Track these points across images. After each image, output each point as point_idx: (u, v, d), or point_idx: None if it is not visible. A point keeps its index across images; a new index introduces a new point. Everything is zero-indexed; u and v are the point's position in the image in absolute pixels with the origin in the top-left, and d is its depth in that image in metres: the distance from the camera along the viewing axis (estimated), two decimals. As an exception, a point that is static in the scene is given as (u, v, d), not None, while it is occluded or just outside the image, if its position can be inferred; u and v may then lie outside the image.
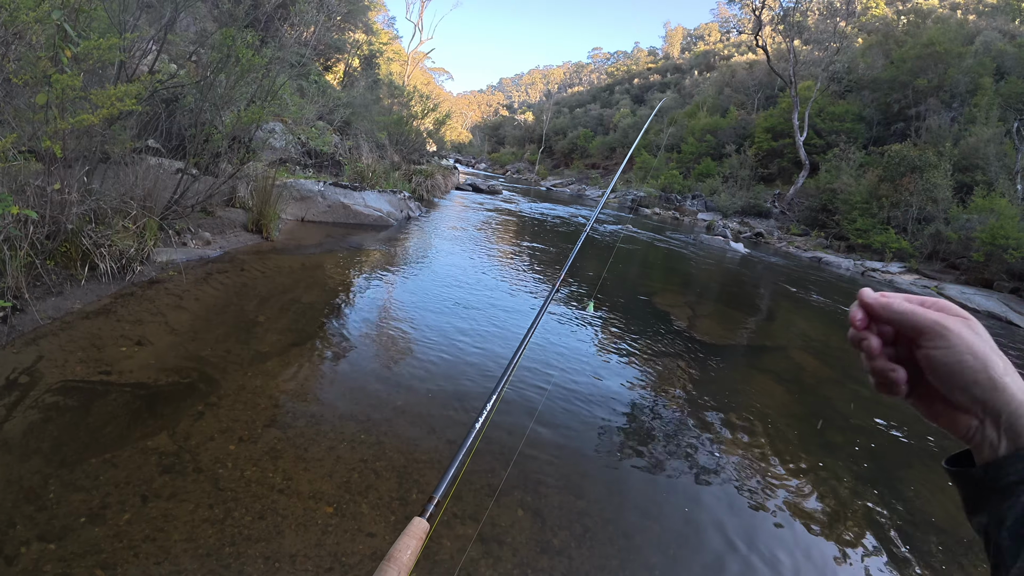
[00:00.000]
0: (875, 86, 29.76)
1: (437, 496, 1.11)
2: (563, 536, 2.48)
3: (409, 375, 3.81)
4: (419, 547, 0.98)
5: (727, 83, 45.48)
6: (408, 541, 0.97)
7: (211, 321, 4.11)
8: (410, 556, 0.95)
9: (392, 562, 0.91)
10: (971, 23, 33.21)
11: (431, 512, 1.08)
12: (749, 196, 27.70)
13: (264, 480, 2.44)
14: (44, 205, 3.81)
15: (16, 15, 3.46)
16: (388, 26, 39.27)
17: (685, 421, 3.94)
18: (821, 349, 6.80)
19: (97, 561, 1.91)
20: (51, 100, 3.64)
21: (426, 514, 1.06)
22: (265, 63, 5.96)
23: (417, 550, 0.97)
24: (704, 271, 11.96)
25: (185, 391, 3.06)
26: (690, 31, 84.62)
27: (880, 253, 18.24)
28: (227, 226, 6.57)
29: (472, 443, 1.26)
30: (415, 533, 0.99)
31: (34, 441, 2.43)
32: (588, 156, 52.47)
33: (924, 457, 4.14)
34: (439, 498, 1.12)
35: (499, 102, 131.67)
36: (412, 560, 0.95)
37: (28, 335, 3.33)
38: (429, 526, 1.04)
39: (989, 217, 15.33)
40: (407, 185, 13.68)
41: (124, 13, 4.89)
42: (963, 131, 22.07)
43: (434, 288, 6.15)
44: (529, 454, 3.08)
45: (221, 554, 2.03)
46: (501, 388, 1.45)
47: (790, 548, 2.73)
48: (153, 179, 5.01)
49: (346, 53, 20.68)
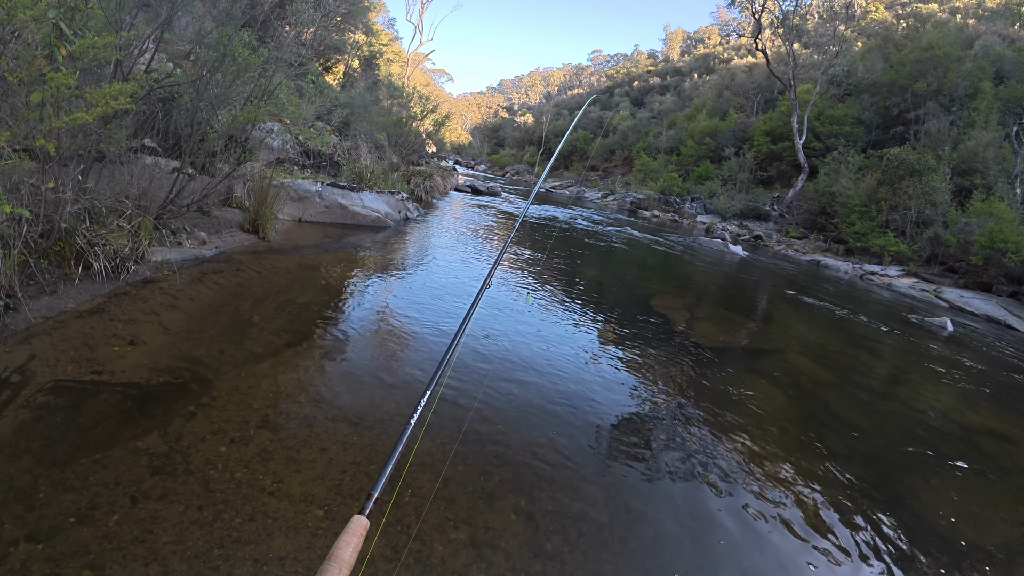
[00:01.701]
0: (874, 90, 29.81)
1: (376, 493, 1.15)
2: (556, 541, 2.46)
3: (403, 377, 3.79)
4: (360, 544, 1.01)
5: (726, 86, 45.51)
6: (349, 539, 1.00)
7: (205, 321, 4.09)
8: (351, 554, 0.98)
9: (334, 560, 0.95)
10: (970, 27, 33.23)
11: (370, 510, 1.11)
12: (748, 199, 27.71)
13: (255, 482, 2.42)
14: (38, 204, 3.79)
15: (13, 13, 3.44)
16: (388, 27, 39.33)
17: (682, 425, 3.92)
18: (819, 352, 6.79)
19: (86, 562, 1.90)
20: (46, 98, 3.62)
21: (366, 512, 1.09)
22: (262, 62, 5.94)
23: (358, 547, 1.00)
24: (702, 274, 11.95)
25: (177, 391, 3.04)
26: (690, 34, 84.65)
27: (879, 256, 18.24)
28: (223, 226, 6.55)
29: (408, 440, 1.30)
30: (355, 531, 1.02)
31: (24, 441, 2.41)
32: (587, 158, 52.49)
33: (923, 461, 4.13)
34: (377, 495, 1.15)
35: (499, 104, 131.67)
36: (353, 557, 0.98)
37: (20, 334, 3.30)
38: (368, 523, 1.07)
39: (988, 221, 15.32)
40: (405, 186, 13.66)
41: (121, 12, 4.88)
42: (962, 135, 22.06)
43: (430, 290, 6.13)
44: (521, 459, 3.06)
45: (210, 556, 2.01)
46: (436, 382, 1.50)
47: (786, 553, 2.71)
48: (149, 178, 4.99)
49: (346, 54, 20.67)
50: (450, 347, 1.67)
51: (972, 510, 3.52)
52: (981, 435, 4.92)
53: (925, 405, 5.51)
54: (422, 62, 42.50)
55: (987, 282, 14.61)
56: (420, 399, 1.42)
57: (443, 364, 1.57)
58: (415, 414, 1.37)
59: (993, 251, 14.29)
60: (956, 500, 3.63)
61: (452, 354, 1.62)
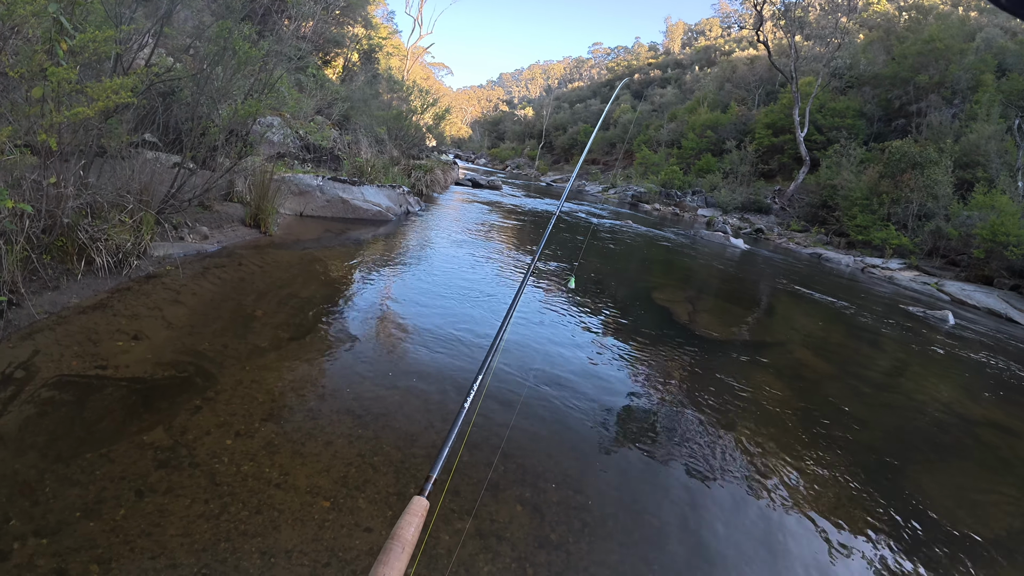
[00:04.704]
0: (876, 82, 29.72)
1: (434, 475, 1.19)
2: (561, 531, 2.47)
3: (406, 370, 3.79)
4: (420, 524, 1.05)
5: (728, 79, 45.38)
6: (410, 519, 1.04)
7: (208, 316, 4.09)
8: (413, 533, 1.02)
9: (396, 539, 0.99)
10: (972, 20, 33.09)
11: (429, 491, 1.14)
12: (749, 192, 27.69)
13: (261, 475, 2.43)
14: (40, 199, 3.78)
15: (13, 8, 3.43)
16: (387, 20, 39.10)
17: (684, 416, 3.93)
18: (821, 345, 6.79)
19: (92, 556, 1.90)
20: (47, 93, 3.61)
21: (425, 493, 1.13)
22: (262, 56, 5.92)
23: (419, 527, 1.04)
24: (704, 267, 11.95)
25: (182, 386, 3.05)
26: (691, 26, 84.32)
27: (880, 249, 18.23)
28: (225, 221, 6.54)
29: (465, 420, 1.34)
30: (416, 511, 1.07)
31: (29, 436, 2.41)
32: (588, 151, 52.33)
33: (926, 453, 4.14)
34: (436, 476, 1.18)
35: (499, 97, 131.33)
36: (415, 537, 1.01)
37: (24, 330, 3.31)
38: (428, 504, 1.11)
39: (990, 214, 15.30)
40: (406, 180, 13.64)
41: (120, 6, 4.86)
42: (964, 128, 22.02)
43: (433, 283, 6.13)
44: (528, 449, 3.07)
45: (217, 549, 2.02)
46: (488, 363, 1.53)
47: (788, 544, 2.72)
48: (150, 173, 4.98)
49: (345, 47, 20.61)
50: (499, 331, 1.69)
51: (974, 501, 3.54)
52: (982, 427, 4.93)
53: (927, 397, 5.51)
54: (421, 55, 42.32)
55: (989, 275, 14.60)
56: (472, 384, 1.47)
57: (493, 349, 1.60)
58: (468, 398, 1.42)
59: (995, 244, 14.27)
60: (958, 491, 3.64)
61: (500, 339, 1.66)
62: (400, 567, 0.94)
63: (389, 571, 0.92)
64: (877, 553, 2.80)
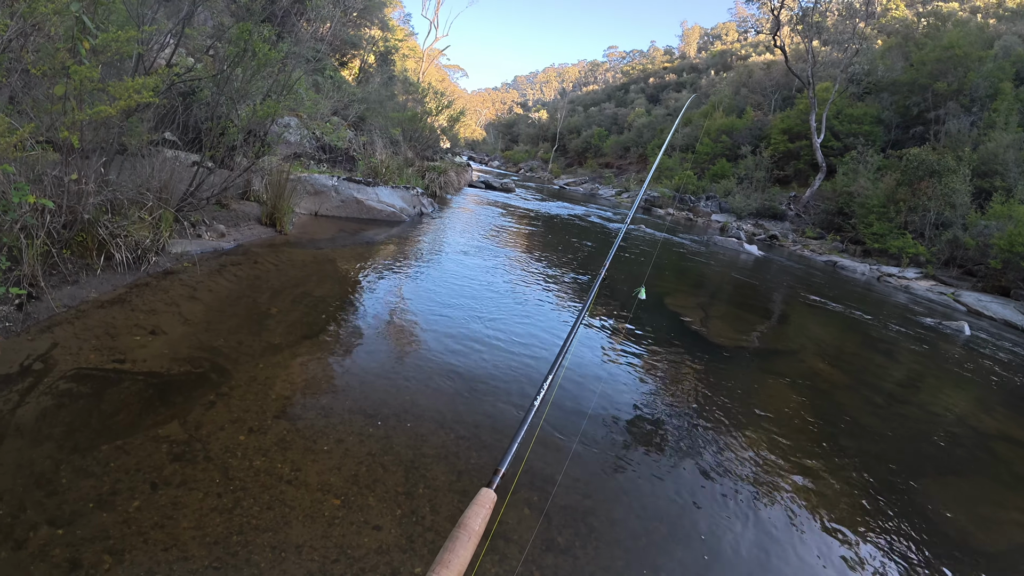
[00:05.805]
0: (894, 89, 29.35)
1: (503, 468, 1.21)
2: (568, 535, 2.47)
3: (418, 371, 3.81)
4: (487, 516, 1.07)
5: (744, 83, 45.05)
6: (477, 510, 1.06)
7: (224, 312, 4.14)
8: (480, 523, 1.03)
9: (464, 528, 1.00)
10: (991, 27, 32.67)
11: (497, 484, 1.16)
12: (764, 198, 27.45)
13: (273, 471, 2.46)
14: (61, 195, 3.85)
15: (35, 6, 3.49)
16: (404, 23, 39.41)
17: (695, 423, 3.92)
18: (835, 355, 6.73)
19: (105, 547, 1.93)
20: (69, 91, 3.68)
21: (493, 485, 1.15)
22: (281, 57, 5.99)
23: (486, 519, 1.06)
24: (717, 273, 11.89)
25: (197, 381, 3.09)
26: (707, 30, 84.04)
27: (896, 258, 18.01)
28: (241, 219, 6.61)
29: (534, 417, 1.38)
30: (483, 503, 1.08)
31: (46, 427, 2.46)
32: (602, 155, 52.25)
33: (938, 466, 4.09)
34: (504, 470, 1.21)
35: (513, 100, 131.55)
36: (482, 528, 1.03)
37: (43, 323, 3.37)
38: (496, 496, 1.12)
39: (1007, 224, 15.07)
40: (420, 181, 13.70)
41: (142, 6, 4.93)
42: (982, 136, 21.73)
43: (446, 284, 6.15)
44: (536, 453, 3.07)
45: (229, 542, 2.04)
46: (557, 366, 1.58)
47: (799, 555, 2.71)
48: (169, 171, 5.05)
49: (362, 49, 20.77)
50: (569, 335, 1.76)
51: (987, 516, 3.49)
52: (997, 440, 4.86)
53: (941, 409, 5.45)
54: (437, 57, 42.55)
55: (1006, 286, 14.38)
56: (543, 382, 1.48)
57: (563, 352, 1.66)
58: (538, 396, 1.43)
59: (1012, 255, 14.05)
60: (971, 506, 3.59)
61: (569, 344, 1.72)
62: (466, 555, 0.96)
63: (454, 557, 0.94)
64: (888, 568, 2.77)
